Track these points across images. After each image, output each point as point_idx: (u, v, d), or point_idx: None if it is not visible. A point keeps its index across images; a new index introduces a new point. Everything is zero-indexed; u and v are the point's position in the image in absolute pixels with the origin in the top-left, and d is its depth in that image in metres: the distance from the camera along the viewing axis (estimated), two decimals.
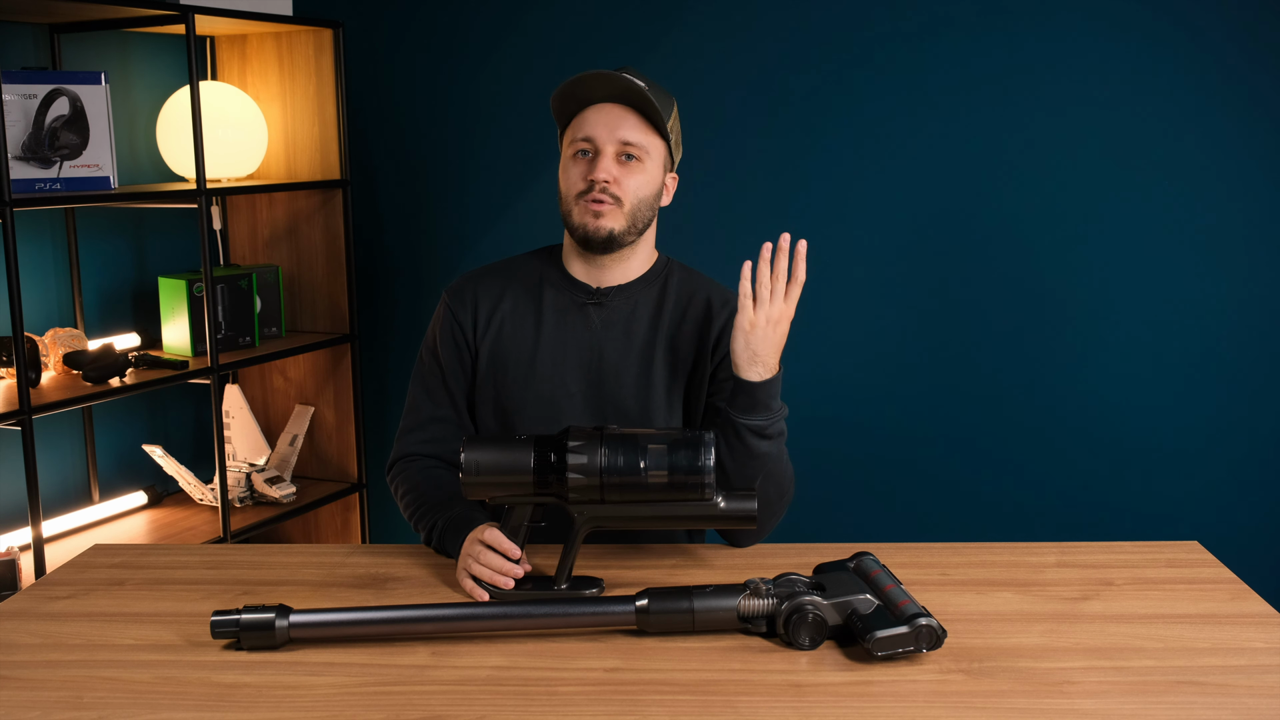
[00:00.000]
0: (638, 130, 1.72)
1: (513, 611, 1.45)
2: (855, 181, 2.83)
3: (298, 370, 3.23)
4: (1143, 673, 1.34)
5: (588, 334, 1.80)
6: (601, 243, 1.74)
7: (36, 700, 1.30)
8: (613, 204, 1.72)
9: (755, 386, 1.64)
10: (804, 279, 1.63)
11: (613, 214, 1.73)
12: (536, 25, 3.03)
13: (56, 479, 2.77)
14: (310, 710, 1.28)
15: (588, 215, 1.73)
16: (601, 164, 1.71)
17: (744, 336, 1.63)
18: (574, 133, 1.75)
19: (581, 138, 1.73)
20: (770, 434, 1.67)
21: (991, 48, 2.70)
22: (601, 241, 1.74)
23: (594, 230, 1.73)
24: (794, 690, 1.31)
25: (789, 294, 1.63)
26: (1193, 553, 1.72)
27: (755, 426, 1.65)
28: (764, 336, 1.62)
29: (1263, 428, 2.67)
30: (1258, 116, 2.58)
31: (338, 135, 3.05)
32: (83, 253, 2.79)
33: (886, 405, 2.88)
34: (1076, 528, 2.77)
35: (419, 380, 1.87)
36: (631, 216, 1.74)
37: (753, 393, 1.64)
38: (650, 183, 1.76)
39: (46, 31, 2.69)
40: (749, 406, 1.65)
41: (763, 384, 1.64)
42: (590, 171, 1.72)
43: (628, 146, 1.72)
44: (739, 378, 1.65)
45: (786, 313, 1.63)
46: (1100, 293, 2.71)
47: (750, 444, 1.66)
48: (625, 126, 1.72)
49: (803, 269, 1.63)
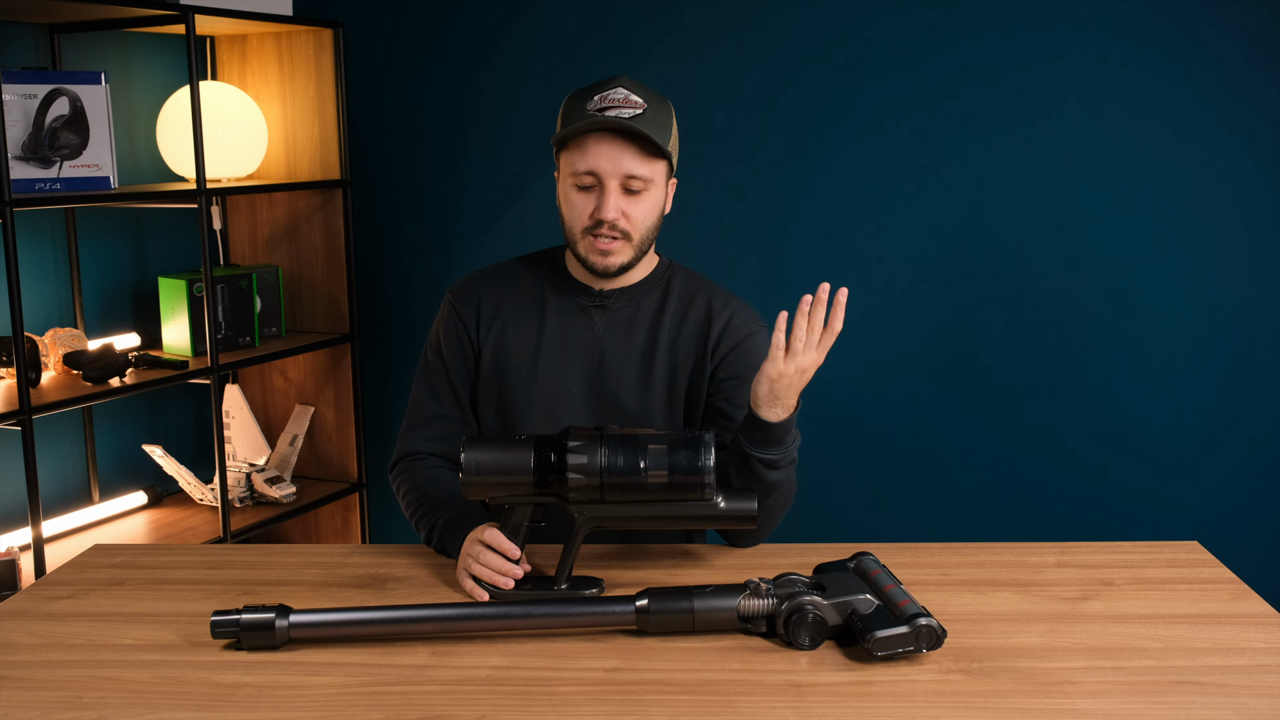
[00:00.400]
0: (641, 162, 1.69)
1: (513, 611, 1.45)
2: (855, 183, 2.83)
3: (298, 370, 3.23)
4: (1143, 673, 1.34)
5: (590, 336, 1.81)
6: (611, 275, 1.76)
7: (36, 700, 1.30)
8: (621, 240, 1.72)
9: (772, 426, 1.62)
10: (839, 329, 1.57)
11: (621, 249, 1.73)
12: (536, 25, 3.03)
13: (56, 479, 2.77)
14: (310, 710, 1.28)
15: (595, 253, 1.73)
16: (608, 202, 1.69)
17: (769, 384, 1.59)
18: (575, 162, 1.70)
19: (584, 171, 1.70)
20: (782, 465, 1.66)
21: (993, 49, 2.70)
22: (611, 274, 1.76)
23: (603, 267, 1.74)
24: (794, 690, 1.31)
25: (821, 343, 1.57)
26: (1193, 553, 1.72)
27: (769, 460, 1.65)
28: (789, 385, 1.59)
29: (1263, 428, 2.67)
30: (1258, 117, 2.58)
31: (338, 135, 3.05)
32: (83, 253, 2.79)
33: (886, 405, 2.88)
34: (1076, 528, 2.77)
35: (422, 379, 1.87)
36: (639, 245, 1.75)
37: (769, 431, 1.63)
38: (655, 206, 1.75)
39: (46, 31, 2.69)
40: (764, 441, 1.64)
41: (779, 424, 1.62)
42: (596, 209, 1.70)
43: (632, 180, 1.70)
44: (755, 415, 1.62)
45: (817, 361, 1.58)
46: (1100, 293, 2.71)
47: (761, 475, 1.65)
48: (628, 159, 1.68)
49: (840, 319, 1.56)
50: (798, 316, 1.57)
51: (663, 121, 1.71)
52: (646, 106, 1.69)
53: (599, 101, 1.69)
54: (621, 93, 1.69)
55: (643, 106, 1.69)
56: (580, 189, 1.72)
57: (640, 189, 1.71)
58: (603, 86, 1.71)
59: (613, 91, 1.70)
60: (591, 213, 1.71)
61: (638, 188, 1.71)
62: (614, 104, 1.68)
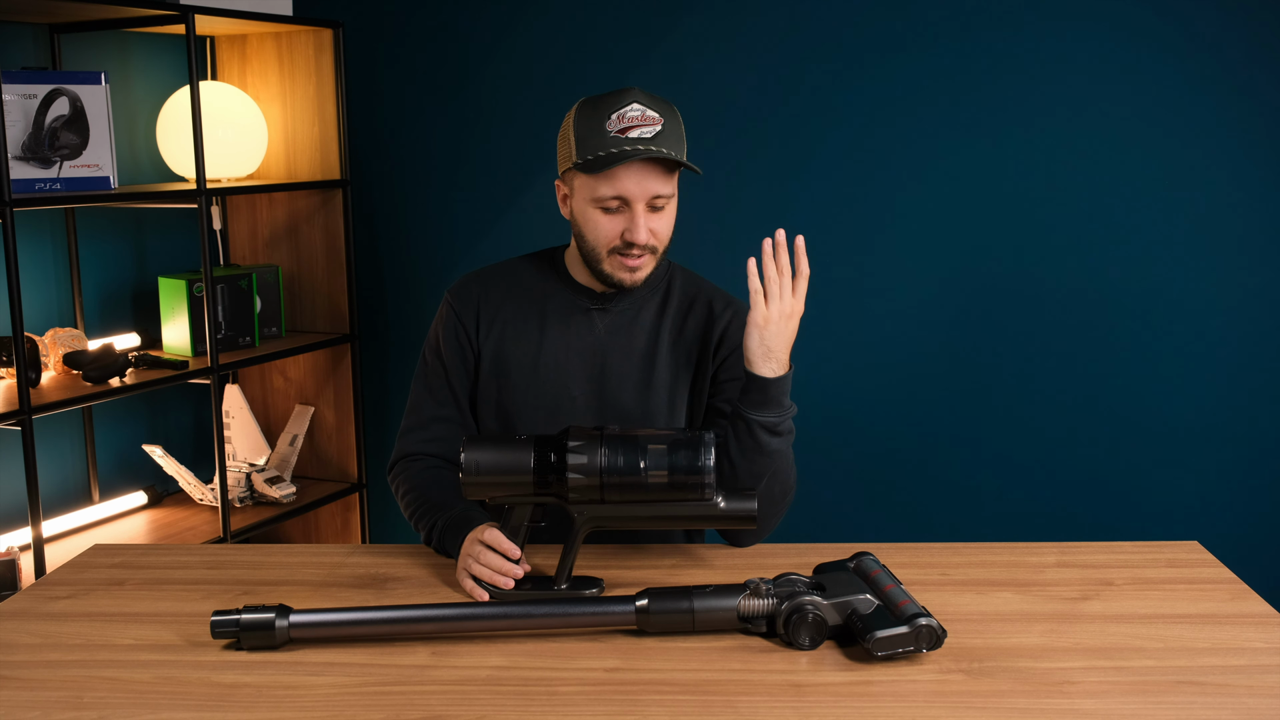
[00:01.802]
0: (665, 182, 1.70)
1: (513, 611, 1.45)
2: (856, 183, 2.83)
3: (298, 370, 3.23)
4: (1143, 673, 1.34)
5: (592, 338, 1.81)
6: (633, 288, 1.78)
7: (36, 700, 1.30)
8: (648, 255, 1.74)
9: (769, 383, 1.65)
10: (808, 272, 1.67)
11: (648, 264, 1.75)
12: (536, 25, 3.03)
13: (56, 479, 2.77)
14: (310, 710, 1.28)
15: (623, 270, 1.74)
16: (639, 224, 1.69)
17: (758, 332, 1.65)
18: (600, 188, 1.69)
19: (612, 196, 1.69)
20: (781, 431, 1.67)
21: (993, 49, 2.70)
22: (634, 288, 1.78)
23: (631, 283, 1.75)
24: (794, 690, 1.31)
25: (796, 288, 1.66)
26: (1193, 553, 1.72)
27: (768, 423, 1.66)
28: (777, 331, 1.64)
29: (1263, 428, 2.67)
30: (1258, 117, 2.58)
31: (338, 135, 3.05)
32: (83, 253, 2.79)
33: (887, 405, 2.88)
34: (1076, 528, 2.77)
35: (421, 380, 1.87)
36: (661, 254, 1.77)
37: (766, 389, 1.65)
38: (673, 215, 1.76)
39: (46, 31, 2.69)
40: (761, 403, 1.66)
41: (775, 380, 1.65)
42: (627, 230, 1.70)
43: (658, 199, 1.70)
44: (752, 374, 1.66)
45: (797, 308, 1.66)
46: (1100, 292, 2.71)
47: (761, 440, 1.66)
48: (653, 181, 1.69)
49: (805, 262, 1.66)
50: (764, 259, 1.66)
51: (679, 134, 1.71)
52: (664, 121, 1.68)
53: (618, 121, 1.67)
54: (638, 109, 1.67)
55: (660, 122, 1.68)
56: (605, 211, 1.71)
57: (664, 205, 1.72)
58: (617, 103, 1.67)
59: (628, 109, 1.67)
60: (621, 234, 1.71)
61: (662, 205, 1.72)
62: (633, 123, 1.67)
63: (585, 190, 1.71)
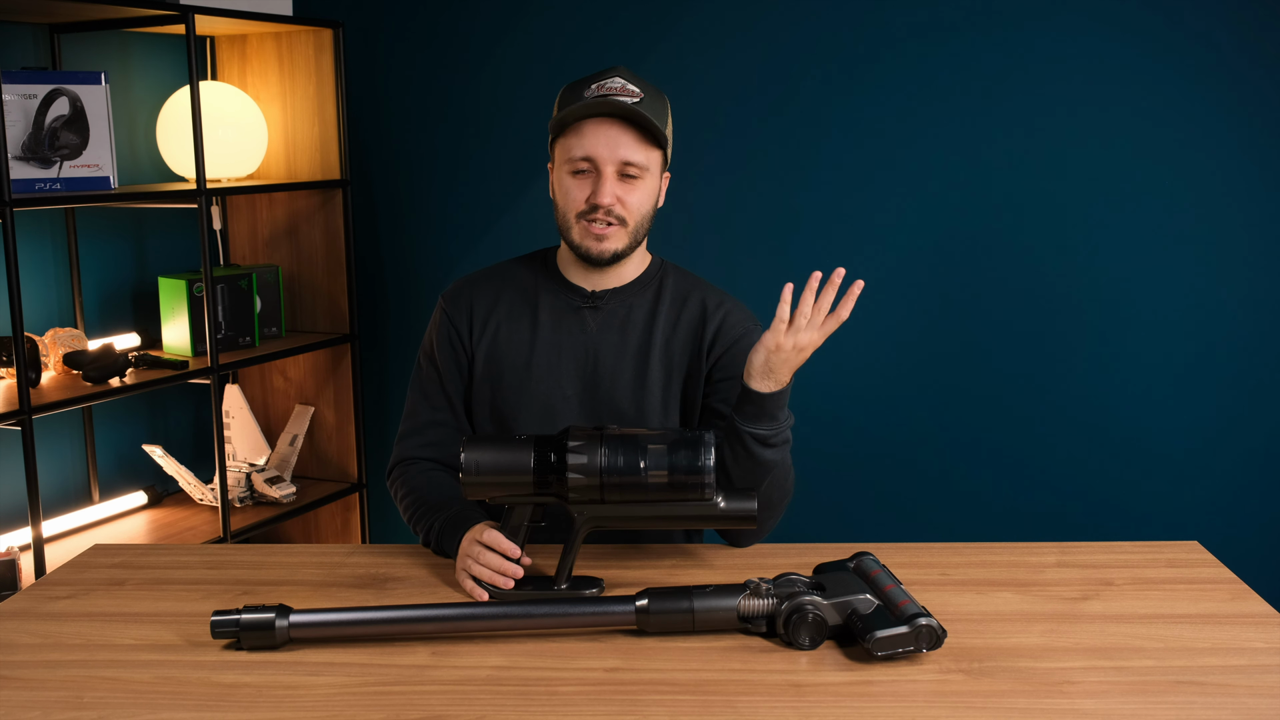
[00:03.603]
0: (637, 148, 1.70)
1: (513, 611, 1.45)
2: (856, 183, 2.83)
3: (298, 370, 3.23)
4: (1143, 673, 1.34)
5: (583, 337, 1.81)
6: (605, 262, 1.76)
7: (36, 700, 1.30)
8: (617, 225, 1.72)
9: (764, 398, 1.62)
10: (845, 318, 1.57)
11: (616, 235, 1.73)
12: (536, 25, 3.03)
13: (56, 479, 2.77)
14: (310, 710, 1.28)
15: (589, 238, 1.73)
16: (605, 187, 1.69)
17: (766, 354, 1.59)
18: (571, 149, 1.71)
19: (580, 156, 1.70)
20: (774, 442, 1.65)
21: (994, 49, 2.70)
22: (605, 262, 1.75)
23: (598, 253, 1.74)
24: (794, 690, 1.31)
25: (824, 326, 1.58)
26: (1193, 553, 1.72)
27: (760, 435, 1.64)
28: (785, 360, 1.59)
29: (1263, 428, 2.66)
30: (1258, 117, 2.58)
31: (338, 135, 3.05)
32: (83, 253, 2.79)
33: (887, 405, 2.88)
34: (1076, 528, 2.77)
35: (417, 385, 1.87)
36: (634, 233, 1.75)
37: (761, 403, 1.62)
38: (650, 195, 1.75)
39: (46, 31, 2.69)
40: (755, 415, 1.63)
41: (771, 395, 1.62)
42: (593, 194, 1.70)
43: (629, 166, 1.70)
44: (748, 387, 1.63)
45: (815, 342, 1.58)
46: (1100, 293, 2.71)
47: (754, 451, 1.65)
48: (625, 145, 1.69)
49: (849, 309, 1.57)
50: (805, 292, 1.57)
51: (659, 110, 1.73)
52: (644, 96, 1.70)
53: (596, 89, 1.69)
54: (619, 81, 1.70)
55: (640, 95, 1.70)
56: (576, 174, 1.72)
57: (637, 175, 1.71)
58: (600, 76, 1.71)
59: (610, 80, 1.70)
60: (587, 198, 1.71)
61: (634, 174, 1.71)
62: (612, 91, 1.69)
63: (560, 155, 1.74)
